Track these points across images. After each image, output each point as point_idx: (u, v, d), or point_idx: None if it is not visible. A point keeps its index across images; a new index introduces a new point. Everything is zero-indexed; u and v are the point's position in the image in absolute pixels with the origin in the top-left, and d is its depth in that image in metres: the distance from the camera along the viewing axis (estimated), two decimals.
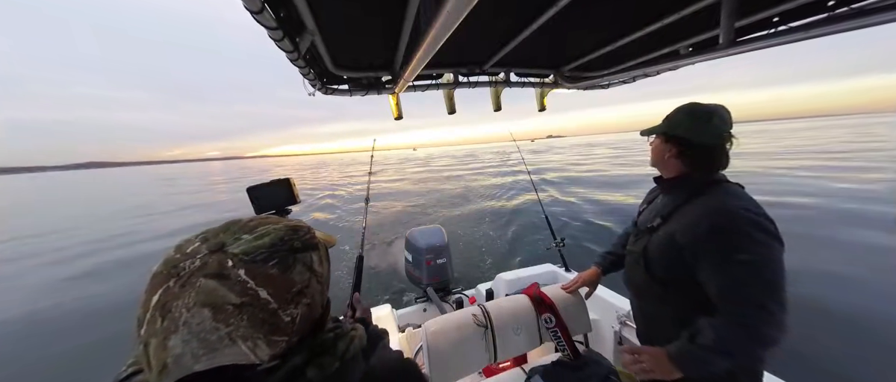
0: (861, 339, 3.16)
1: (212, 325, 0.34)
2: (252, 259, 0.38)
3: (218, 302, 0.35)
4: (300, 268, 0.41)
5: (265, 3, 0.95)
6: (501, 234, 7.73)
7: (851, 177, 10.68)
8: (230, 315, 0.35)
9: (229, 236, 0.40)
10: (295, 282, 0.40)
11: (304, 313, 0.40)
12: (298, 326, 0.40)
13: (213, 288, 0.35)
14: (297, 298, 0.40)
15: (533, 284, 1.62)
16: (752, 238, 0.83)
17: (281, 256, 0.40)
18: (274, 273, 0.38)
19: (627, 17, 1.66)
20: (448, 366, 1.26)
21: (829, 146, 22.31)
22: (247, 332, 0.35)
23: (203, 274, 0.36)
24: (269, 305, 0.37)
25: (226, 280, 0.36)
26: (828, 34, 1.27)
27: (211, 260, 0.37)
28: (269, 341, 0.36)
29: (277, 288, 0.38)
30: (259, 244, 0.40)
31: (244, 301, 0.36)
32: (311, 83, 1.77)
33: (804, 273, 4.34)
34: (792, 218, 6.68)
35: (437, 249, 2.84)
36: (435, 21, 0.92)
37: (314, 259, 0.44)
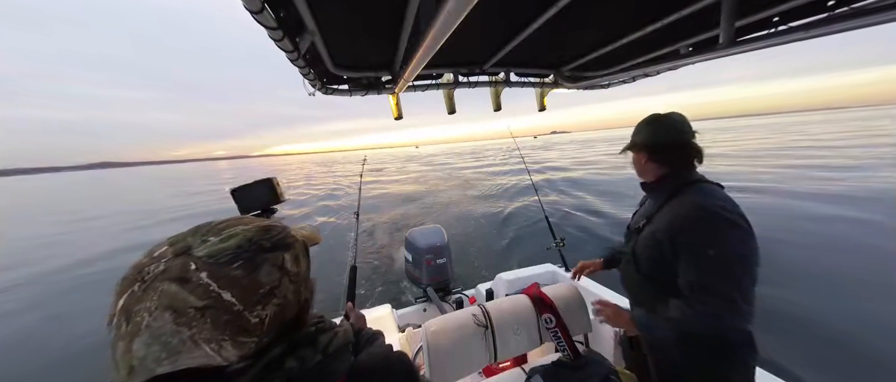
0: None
1: (173, 328, 0.34)
2: (216, 261, 0.38)
3: (179, 305, 0.35)
4: (268, 268, 0.41)
5: (265, 3, 0.95)
6: (501, 234, 7.73)
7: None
8: (192, 318, 0.35)
9: (196, 239, 0.41)
10: (262, 283, 0.40)
11: (274, 313, 0.40)
12: (269, 326, 0.40)
13: (174, 291, 0.36)
14: (265, 299, 0.40)
15: (533, 284, 1.62)
16: (724, 234, 0.88)
17: (247, 257, 0.40)
18: (239, 274, 0.38)
19: (627, 17, 1.66)
20: (448, 366, 1.26)
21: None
22: (211, 334, 0.35)
23: (166, 277, 0.36)
24: (234, 307, 0.37)
25: (187, 283, 0.36)
26: (828, 34, 1.27)
27: (174, 264, 0.37)
28: (236, 342, 0.37)
29: (243, 290, 0.38)
30: (224, 246, 0.40)
31: (206, 303, 0.36)
32: (311, 83, 1.77)
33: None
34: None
35: (437, 249, 2.84)
36: (435, 21, 0.92)
37: (286, 258, 0.44)
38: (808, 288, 4.00)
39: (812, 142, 22.85)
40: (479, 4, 0.80)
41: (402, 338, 2.16)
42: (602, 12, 1.59)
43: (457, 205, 11.88)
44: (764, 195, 8.51)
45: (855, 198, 7.51)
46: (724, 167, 14.05)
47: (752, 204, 7.58)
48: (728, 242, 0.88)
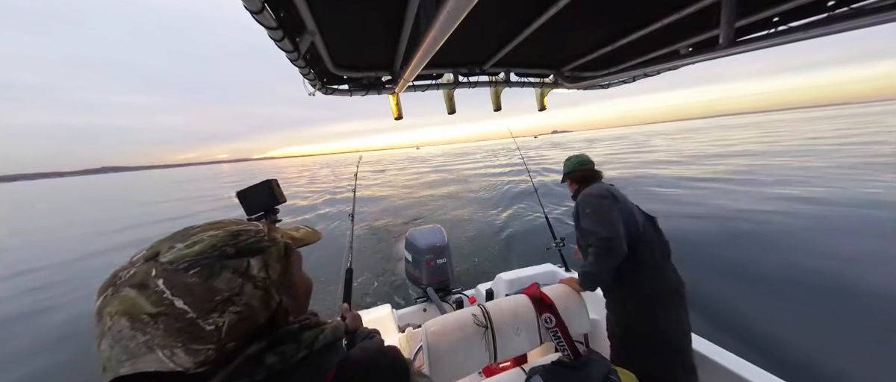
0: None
1: (130, 333, 0.36)
2: (174, 268, 0.39)
3: (135, 311, 0.37)
4: (228, 276, 0.41)
5: (265, 3, 0.95)
6: (501, 234, 7.72)
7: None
8: (146, 324, 0.36)
9: (167, 245, 0.42)
10: (219, 290, 0.40)
11: (233, 321, 0.40)
12: (228, 333, 0.39)
13: (132, 297, 0.37)
14: (222, 306, 0.39)
15: (533, 284, 1.62)
16: (592, 201, 1.48)
17: (205, 264, 0.40)
18: (193, 282, 0.39)
19: (627, 17, 1.66)
20: (448, 366, 1.26)
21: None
22: (163, 341, 0.36)
23: (129, 283, 0.38)
24: (187, 315, 0.37)
25: (145, 289, 0.38)
26: (828, 34, 1.28)
27: (140, 270, 0.39)
28: (189, 349, 0.37)
29: (196, 297, 0.38)
30: (187, 252, 0.40)
31: (159, 311, 0.37)
32: (311, 83, 1.77)
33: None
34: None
35: (437, 249, 2.84)
36: (435, 21, 0.93)
37: (252, 264, 0.44)
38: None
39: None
40: (479, 4, 0.80)
41: (402, 338, 2.16)
42: (602, 12, 1.59)
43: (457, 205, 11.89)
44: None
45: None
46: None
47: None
48: (595, 204, 1.46)
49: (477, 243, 7.24)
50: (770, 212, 6.94)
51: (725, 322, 3.48)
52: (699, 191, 9.68)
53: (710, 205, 7.91)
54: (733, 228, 6.22)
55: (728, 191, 9.12)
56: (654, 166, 16.19)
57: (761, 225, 6.26)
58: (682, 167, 14.90)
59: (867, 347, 3.01)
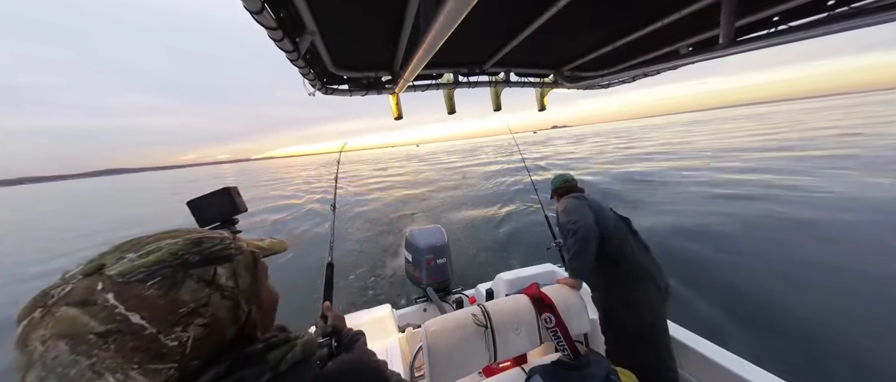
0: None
1: (69, 359, 0.31)
2: (127, 280, 0.34)
3: (77, 331, 0.31)
4: (192, 285, 0.37)
5: (265, 4, 0.95)
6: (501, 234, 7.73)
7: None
8: (92, 345, 0.31)
9: (114, 256, 0.37)
10: (183, 302, 0.36)
11: (199, 335, 0.36)
12: (193, 349, 0.35)
13: (72, 315, 0.32)
14: (187, 319, 0.35)
15: (533, 284, 1.62)
16: (566, 201, 1.76)
17: (166, 274, 0.36)
18: (152, 293, 0.35)
19: (627, 17, 1.66)
20: (448, 366, 1.26)
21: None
22: (115, 363, 0.31)
23: (67, 301, 0.33)
24: (145, 331, 0.33)
25: (89, 305, 0.33)
26: (828, 33, 1.28)
27: (79, 285, 0.34)
28: (146, 370, 0.32)
29: (156, 311, 0.34)
30: (141, 263, 0.36)
31: (110, 328, 0.32)
32: (311, 83, 1.77)
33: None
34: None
35: (437, 249, 2.84)
36: (435, 21, 0.92)
37: (220, 272, 0.40)
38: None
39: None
40: (479, 4, 0.80)
41: (402, 338, 2.16)
42: (602, 12, 1.58)
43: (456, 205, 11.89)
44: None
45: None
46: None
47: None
48: (567, 203, 1.72)
49: (477, 243, 7.25)
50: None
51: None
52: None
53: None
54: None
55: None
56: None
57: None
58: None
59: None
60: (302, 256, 6.99)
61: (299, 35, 1.31)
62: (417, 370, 1.81)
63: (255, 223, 11.49)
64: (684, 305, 3.83)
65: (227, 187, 0.88)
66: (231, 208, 0.86)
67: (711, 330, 3.04)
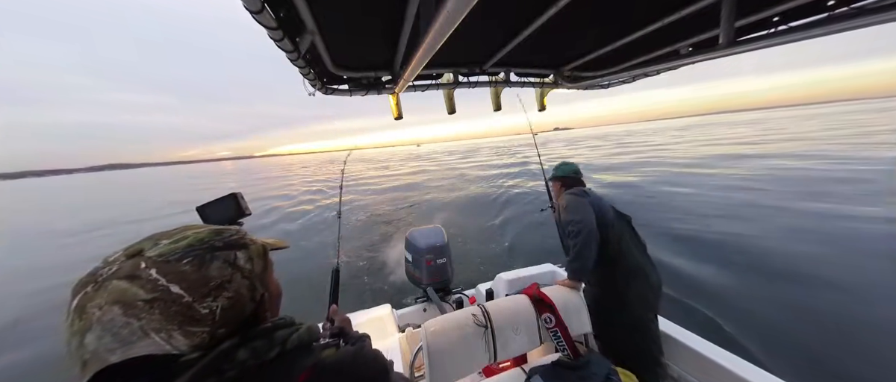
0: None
1: (123, 320, 0.36)
2: (165, 259, 0.41)
3: (128, 298, 0.37)
4: (219, 265, 0.43)
5: (265, 3, 0.95)
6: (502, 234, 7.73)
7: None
8: (141, 309, 0.37)
9: (150, 243, 0.43)
10: (212, 277, 0.42)
11: (226, 305, 0.42)
12: (221, 318, 0.41)
13: (123, 287, 0.38)
14: (216, 292, 0.42)
15: (533, 284, 1.62)
16: (569, 198, 1.73)
17: (196, 254, 0.42)
18: (187, 269, 0.41)
19: (627, 17, 1.65)
20: (448, 366, 1.26)
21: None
22: (160, 324, 0.37)
23: (116, 276, 0.39)
24: (183, 299, 0.39)
25: (136, 279, 0.38)
26: (828, 34, 1.27)
27: (125, 265, 0.40)
28: (186, 332, 0.39)
29: (191, 283, 0.40)
30: (175, 246, 0.42)
31: (155, 296, 0.38)
32: (311, 83, 1.77)
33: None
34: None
35: (437, 249, 2.84)
36: (435, 21, 0.92)
37: (240, 256, 0.46)
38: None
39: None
40: (479, 4, 0.80)
41: (402, 338, 2.16)
42: (602, 12, 1.58)
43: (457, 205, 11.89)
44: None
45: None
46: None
47: None
48: (570, 201, 1.70)
49: (477, 243, 7.25)
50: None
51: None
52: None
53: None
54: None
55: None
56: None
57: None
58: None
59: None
60: (305, 258, 7.01)
61: (299, 35, 1.31)
62: (417, 370, 1.81)
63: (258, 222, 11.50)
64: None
65: (234, 192, 0.93)
66: (237, 212, 0.92)
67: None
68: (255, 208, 2.14)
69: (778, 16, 1.50)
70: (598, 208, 1.67)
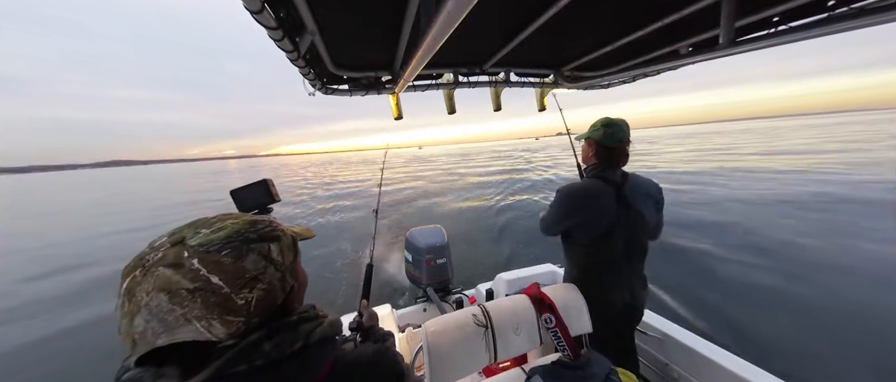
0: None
1: (168, 307, 0.39)
2: (206, 249, 0.43)
3: (173, 287, 0.40)
4: (254, 257, 0.45)
5: (265, 3, 0.95)
6: (502, 234, 7.73)
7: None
8: (184, 298, 0.40)
9: (191, 231, 0.45)
10: (247, 269, 0.44)
11: (260, 297, 0.44)
12: (255, 308, 0.44)
13: (169, 275, 0.40)
14: (251, 283, 0.44)
15: (533, 284, 1.61)
16: (563, 192, 1.54)
17: (234, 246, 0.44)
18: (226, 261, 0.43)
19: (627, 17, 1.65)
20: (448, 366, 1.26)
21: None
22: (201, 313, 0.40)
23: (162, 264, 0.41)
24: (222, 290, 0.41)
25: (180, 268, 0.41)
26: (828, 34, 1.27)
27: (170, 252, 0.42)
28: (224, 321, 0.41)
29: (229, 275, 0.42)
30: (214, 237, 0.44)
31: (197, 286, 0.40)
32: (311, 83, 1.77)
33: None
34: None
35: (437, 249, 2.84)
36: (435, 21, 0.92)
37: (272, 249, 0.48)
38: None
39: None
40: (479, 4, 0.80)
41: (402, 338, 2.16)
42: (602, 12, 1.58)
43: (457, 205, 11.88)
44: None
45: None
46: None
47: None
48: (559, 198, 1.54)
49: (477, 243, 7.25)
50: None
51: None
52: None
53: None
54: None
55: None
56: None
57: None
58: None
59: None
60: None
61: (299, 35, 1.31)
62: (417, 370, 1.81)
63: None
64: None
65: (265, 179, 0.98)
66: (267, 198, 0.96)
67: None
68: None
69: (778, 16, 1.50)
70: (595, 215, 1.46)
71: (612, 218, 1.46)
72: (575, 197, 1.52)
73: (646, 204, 1.50)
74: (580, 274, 1.60)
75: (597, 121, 1.51)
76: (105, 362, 3.58)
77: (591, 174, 1.55)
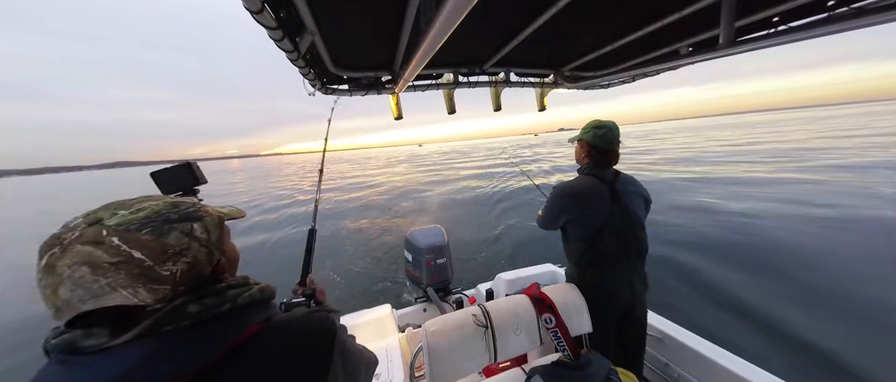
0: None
1: (92, 278, 0.41)
2: (125, 228, 0.45)
3: (94, 260, 0.42)
4: (176, 235, 0.48)
5: (265, 3, 0.95)
6: (502, 234, 7.73)
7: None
8: (107, 270, 0.42)
9: (108, 212, 0.47)
10: (170, 245, 0.47)
11: (184, 269, 0.47)
12: (181, 278, 0.47)
13: (88, 251, 0.42)
14: (174, 257, 0.47)
15: (533, 284, 1.62)
16: (556, 191, 1.62)
17: (154, 226, 0.47)
18: (147, 239, 0.45)
19: (627, 17, 1.66)
20: (448, 366, 1.26)
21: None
22: (126, 282, 0.43)
23: (80, 242, 0.43)
24: (144, 263, 0.44)
25: (101, 245, 0.43)
26: (828, 34, 1.27)
27: (88, 231, 0.44)
28: (149, 288, 0.44)
29: (151, 250, 0.45)
30: (133, 217, 0.46)
31: (119, 260, 0.43)
32: (311, 83, 1.77)
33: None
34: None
35: (437, 249, 2.84)
36: (435, 21, 0.92)
37: (195, 227, 0.51)
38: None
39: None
40: (479, 4, 0.80)
41: (402, 338, 2.16)
42: (602, 12, 1.58)
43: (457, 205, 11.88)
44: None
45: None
46: None
47: None
48: (553, 197, 1.64)
49: (477, 243, 7.25)
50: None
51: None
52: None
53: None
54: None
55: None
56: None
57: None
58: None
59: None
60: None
61: (299, 35, 1.31)
62: (418, 370, 1.81)
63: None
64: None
65: (188, 161, 0.95)
66: (192, 180, 0.95)
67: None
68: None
69: (778, 16, 1.50)
70: (590, 212, 1.51)
71: (606, 213, 1.51)
72: (570, 194, 1.58)
73: (636, 202, 1.57)
74: (580, 272, 1.61)
75: (588, 123, 1.60)
76: None
77: (585, 172, 1.62)
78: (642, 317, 1.63)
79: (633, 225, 1.54)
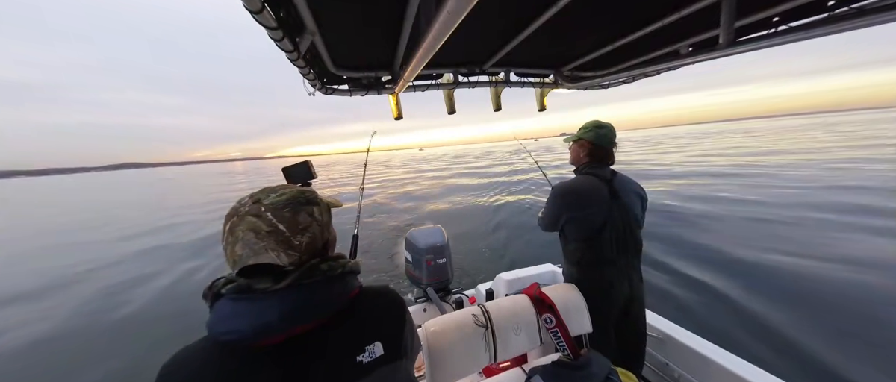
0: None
1: (255, 240, 0.58)
2: (274, 206, 0.62)
3: (257, 228, 0.59)
4: (304, 215, 0.64)
5: (265, 4, 0.95)
6: (502, 234, 7.73)
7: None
8: (264, 236, 0.59)
9: (264, 194, 0.65)
10: (300, 222, 0.63)
11: (307, 242, 0.63)
12: (306, 248, 0.63)
13: (254, 221, 0.60)
14: (303, 231, 0.63)
15: (533, 284, 1.61)
16: (555, 191, 1.63)
17: (292, 206, 0.63)
18: (287, 215, 0.62)
19: (627, 17, 1.66)
20: (448, 366, 1.26)
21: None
22: (274, 246, 0.59)
23: (249, 214, 0.61)
24: (285, 234, 0.60)
25: (260, 217, 0.60)
26: (828, 34, 1.27)
27: (253, 207, 0.62)
28: (288, 253, 0.60)
29: (289, 224, 0.61)
30: (279, 199, 0.63)
31: (270, 229, 0.59)
32: (311, 83, 1.77)
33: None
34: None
35: (437, 249, 2.83)
36: (435, 21, 0.93)
37: (315, 210, 0.67)
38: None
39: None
40: (479, 4, 0.80)
41: None
42: (602, 12, 1.58)
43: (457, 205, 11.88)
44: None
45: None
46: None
47: None
48: (553, 196, 1.65)
49: (477, 243, 7.25)
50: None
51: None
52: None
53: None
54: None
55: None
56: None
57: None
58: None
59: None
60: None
61: (299, 35, 1.31)
62: (417, 370, 1.81)
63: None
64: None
65: (306, 160, 1.27)
66: (308, 175, 1.25)
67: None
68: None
69: (778, 16, 1.50)
70: (588, 212, 1.52)
71: (605, 211, 1.52)
72: (571, 192, 1.60)
73: (633, 200, 1.59)
74: (579, 271, 1.61)
75: (588, 123, 1.63)
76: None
77: (583, 171, 1.63)
78: (641, 315, 1.63)
79: (631, 223, 1.56)
